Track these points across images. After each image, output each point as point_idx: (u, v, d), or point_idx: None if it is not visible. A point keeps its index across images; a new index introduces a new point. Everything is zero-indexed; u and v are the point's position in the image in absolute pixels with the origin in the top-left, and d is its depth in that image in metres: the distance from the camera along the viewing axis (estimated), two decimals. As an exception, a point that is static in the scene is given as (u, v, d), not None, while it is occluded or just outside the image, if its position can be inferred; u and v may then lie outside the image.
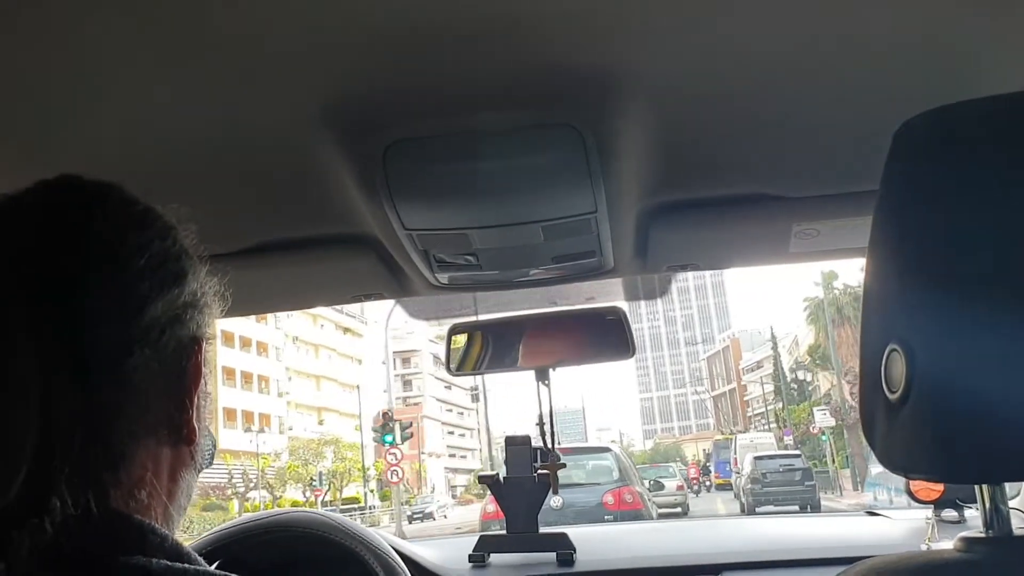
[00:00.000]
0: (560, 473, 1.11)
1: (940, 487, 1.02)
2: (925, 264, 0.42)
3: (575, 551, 1.11)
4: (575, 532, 1.14)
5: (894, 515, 1.29)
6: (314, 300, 1.20)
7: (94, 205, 0.48)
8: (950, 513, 1.07)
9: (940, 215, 0.41)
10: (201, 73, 0.66)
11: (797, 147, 0.85)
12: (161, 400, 0.47)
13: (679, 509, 14.23)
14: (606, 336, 1.12)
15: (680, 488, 16.51)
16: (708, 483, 29.08)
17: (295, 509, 1.16)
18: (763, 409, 47.66)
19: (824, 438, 25.25)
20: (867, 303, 0.46)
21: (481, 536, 1.16)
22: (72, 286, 0.44)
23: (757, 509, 15.00)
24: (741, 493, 17.07)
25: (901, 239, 0.43)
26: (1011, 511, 0.57)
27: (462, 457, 49.60)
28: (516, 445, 1.16)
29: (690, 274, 1.11)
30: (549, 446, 1.14)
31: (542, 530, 1.13)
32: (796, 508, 14.61)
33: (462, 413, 51.98)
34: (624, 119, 0.74)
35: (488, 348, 1.17)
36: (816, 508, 14.79)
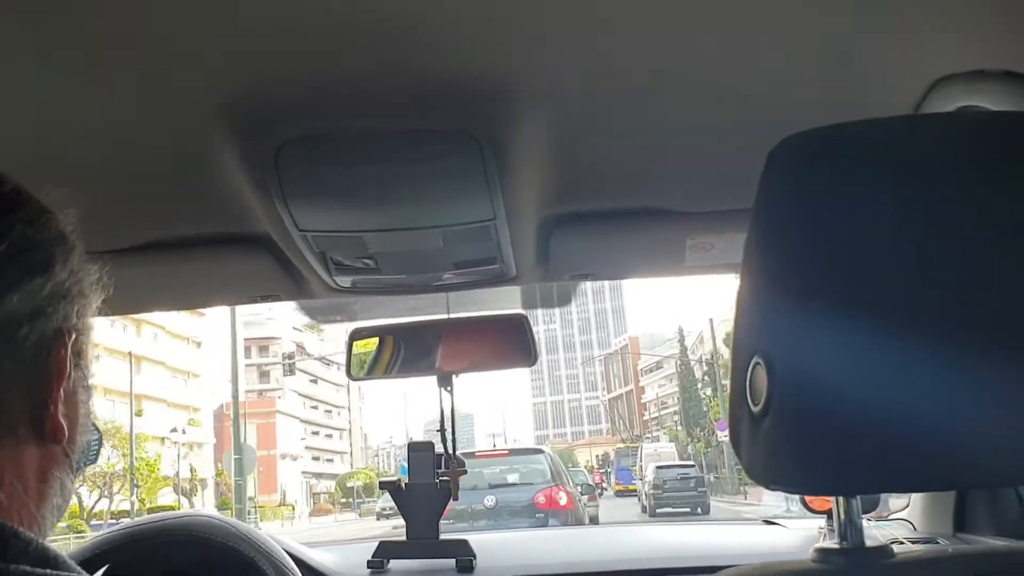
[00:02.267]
0: (495, 474, 1.23)
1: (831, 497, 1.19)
2: (787, 280, 0.47)
3: (475, 558, 1.24)
4: (476, 539, 1.26)
5: (790, 524, 1.46)
6: (208, 300, 1.26)
7: None
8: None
9: (804, 233, 0.47)
10: (93, 66, 0.71)
11: (688, 162, 0.95)
12: (20, 397, 0.48)
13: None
14: (509, 343, 1.26)
15: (592, 499, 17.74)
16: (606, 488, 30.54)
17: (189, 512, 1.22)
18: (659, 413, 49.66)
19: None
20: (737, 317, 0.51)
21: (381, 542, 1.26)
22: None
23: (657, 510, 18.46)
24: (643, 497, 20.47)
25: (767, 255, 0.49)
26: (897, 520, 0.70)
27: (328, 460, 48.51)
28: (419, 451, 1.28)
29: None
30: (451, 452, 1.27)
31: (443, 537, 1.26)
32: (688, 510, 18.26)
33: (330, 411, 50.81)
34: (520, 128, 0.81)
35: (391, 353, 1.28)
36: (706, 511, 18.37)
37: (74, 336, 0.51)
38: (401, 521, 1.28)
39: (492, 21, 0.68)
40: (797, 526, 1.44)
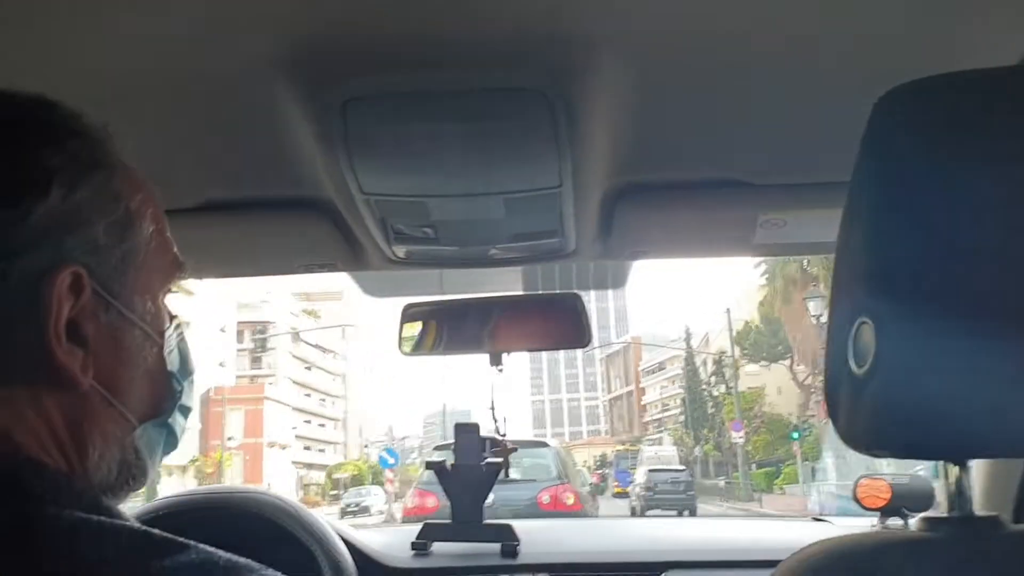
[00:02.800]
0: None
1: (887, 494, 1.11)
2: (899, 236, 0.46)
3: (519, 543, 1.24)
4: (520, 525, 1.27)
5: (839, 522, 1.46)
6: (260, 268, 1.26)
7: None
8: (896, 521, 1.13)
9: (918, 184, 0.46)
10: (153, 9, 0.70)
11: (766, 133, 0.94)
12: (17, 338, 0.46)
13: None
14: (563, 323, 1.25)
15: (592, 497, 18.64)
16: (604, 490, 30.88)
17: (239, 487, 1.23)
18: (660, 416, 49.56)
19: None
20: (837, 276, 0.51)
21: (425, 524, 1.26)
22: None
23: (646, 512, 18.73)
24: (634, 499, 20.99)
25: (876, 210, 0.48)
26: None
27: (320, 451, 48.56)
28: (466, 433, 1.28)
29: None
30: (501, 433, 1.27)
31: (486, 521, 1.26)
32: (676, 512, 18.17)
33: (324, 400, 50.84)
34: (594, 88, 0.80)
35: (441, 330, 1.27)
36: (693, 512, 18.86)
37: (79, 268, 0.47)
38: (363, 519, 1.27)
39: None
40: (847, 525, 1.43)
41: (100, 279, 0.49)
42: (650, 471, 21.52)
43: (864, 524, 1.33)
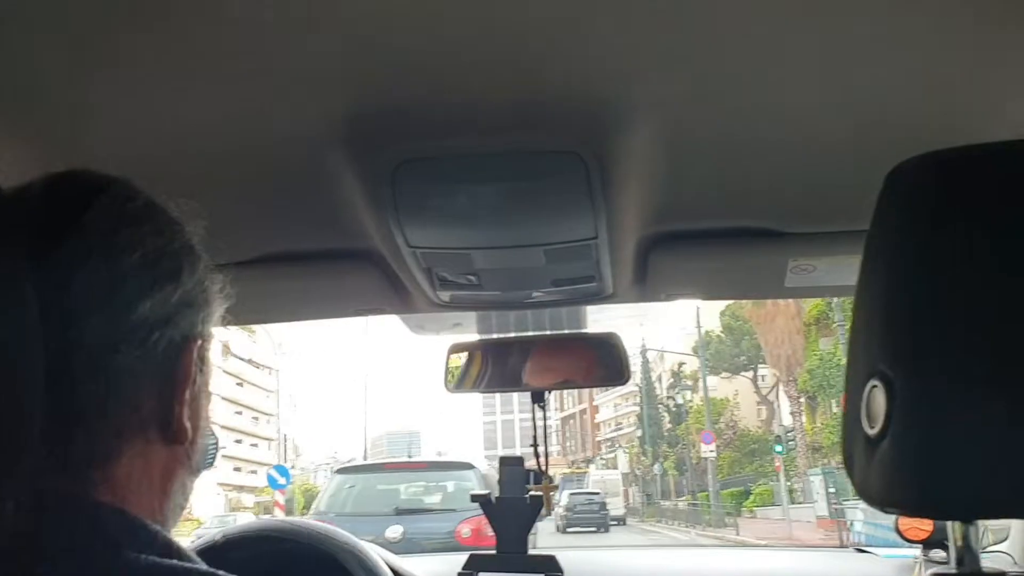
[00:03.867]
0: (405, 495, 1.33)
1: (929, 526, 1.18)
2: (906, 302, 0.50)
3: (562, 573, 1.35)
4: (564, 555, 1.38)
5: (882, 553, 1.56)
6: (315, 313, 1.36)
7: (91, 197, 0.55)
8: (938, 553, 1.21)
9: (924, 256, 0.50)
10: (219, 78, 0.77)
11: (794, 183, 1.03)
12: (149, 399, 0.54)
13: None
14: (602, 361, 1.38)
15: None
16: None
17: (291, 519, 1.31)
18: (615, 434, 49.86)
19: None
20: (854, 337, 0.55)
21: (471, 554, 1.36)
22: (59, 279, 0.50)
23: (567, 529, 23.05)
24: (557, 518, 24.29)
25: (885, 277, 0.52)
26: (995, 553, 0.75)
27: (252, 472, 47.49)
28: (510, 466, 1.38)
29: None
30: (543, 468, 1.38)
31: (531, 552, 1.37)
32: (594, 529, 22.27)
33: (257, 419, 49.88)
34: (627, 149, 0.88)
35: (483, 367, 1.39)
36: (606, 530, 22.46)
37: (200, 342, 0.58)
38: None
39: (605, 44, 0.75)
40: (889, 554, 1.53)
41: (205, 351, 0.59)
42: (571, 494, 25.72)
43: (908, 554, 1.42)
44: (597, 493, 26.65)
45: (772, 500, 23.29)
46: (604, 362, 1.38)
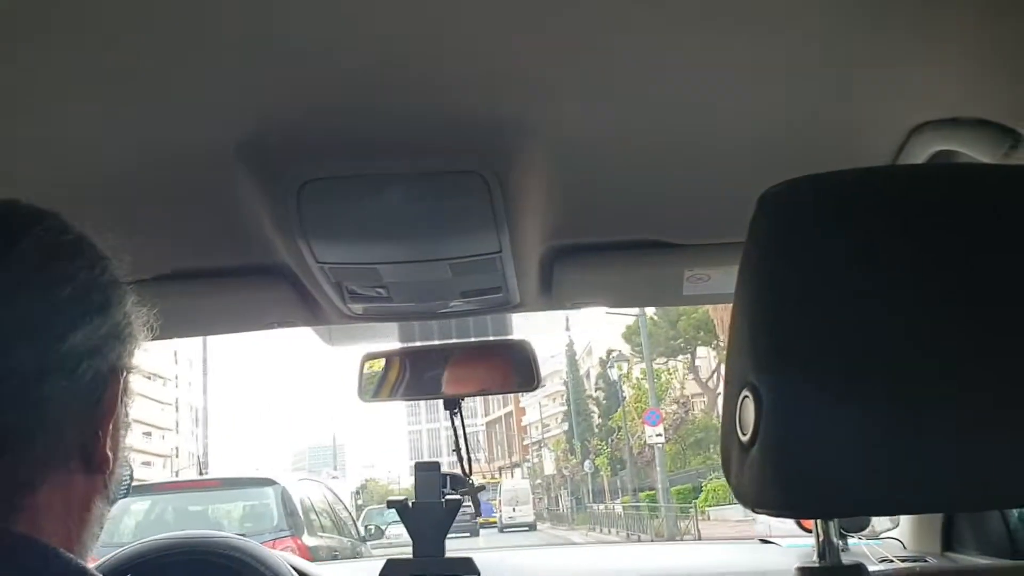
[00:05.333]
0: (203, 517, 1.41)
1: None
2: (772, 318, 0.57)
3: (479, 574, 1.47)
4: (481, 557, 1.49)
5: (784, 543, 1.71)
6: (226, 328, 1.44)
7: (24, 230, 0.58)
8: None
9: (789, 276, 0.57)
10: (122, 100, 0.83)
11: (684, 198, 1.14)
12: (74, 429, 0.58)
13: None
14: (514, 368, 1.50)
15: None
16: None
17: (200, 533, 1.38)
18: (541, 436, 50.10)
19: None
20: (729, 350, 0.61)
21: (388, 560, 1.45)
22: None
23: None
24: None
25: (754, 296, 0.59)
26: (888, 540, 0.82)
27: (145, 464, 45.85)
28: (425, 471, 1.49)
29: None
30: (466, 471, 1.50)
31: (448, 554, 1.48)
32: (466, 535, 20.94)
33: (150, 434, 48.21)
34: (527, 168, 0.97)
35: (398, 376, 1.49)
36: (476, 535, 20.49)
37: (124, 374, 0.62)
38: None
39: (503, 69, 0.82)
40: (792, 544, 1.69)
41: (128, 382, 0.63)
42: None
43: (809, 542, 1.58)
44: (468, 503, 27.57)
45: (728, 497, 20.28)
46: (516, 368, 1.50)
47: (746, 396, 0.56)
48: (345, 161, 0.94)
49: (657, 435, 20.88)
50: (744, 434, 0.56)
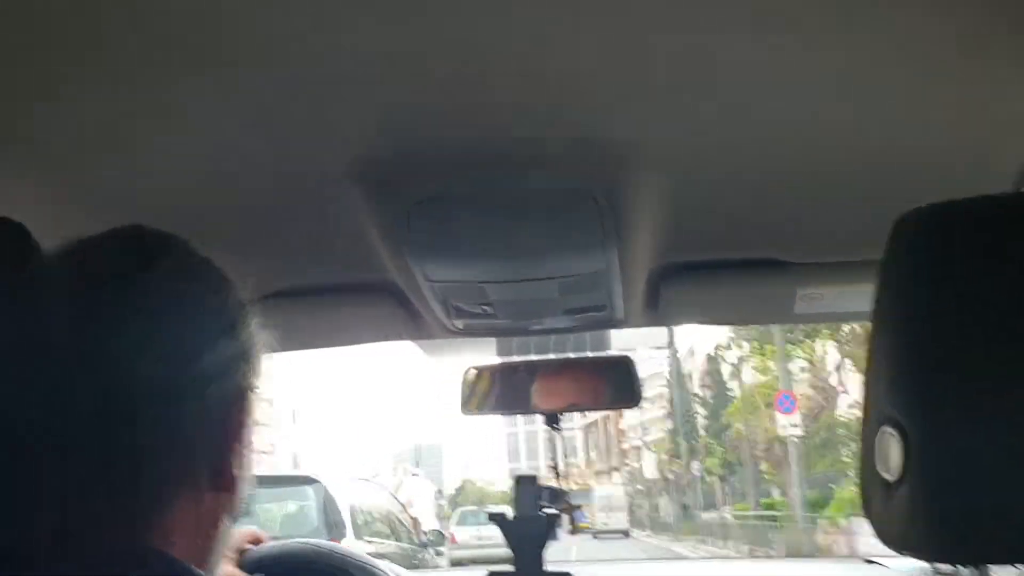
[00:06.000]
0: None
1: None
2: (920, 350, 0.54)
3: None
4: (580, 571, 1.53)
5: (891, 563, 1.69)
6: (332, 342, 1.52)
7: (153, 256, 0.62)
8: (947, 566, 1.24)
9: (935, 306, 0.54)
10: (246, 120, 0.86)
11: (802, 216, 1.14)
12: (204, 449, 0.61)
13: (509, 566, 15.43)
14: (614, 384, 1.53)
15: None
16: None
17: (310, 541, 1.45)
18: (640, 441, 49.48)
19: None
20: (868, 380, 0.59)
21: (490, 572, 1.52)
22: (128, 334, 0.57)
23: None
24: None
25: (897, 329, 0.56)
26: None
27: None
28: (525, 484, 1.54)
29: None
30: (559, 487, 1.54)
31: (547, 568, 1.52)
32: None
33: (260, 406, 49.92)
34: (639, 186, 0.98)
35: (500, 390, 1.55)
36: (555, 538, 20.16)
37: (249, 393, 0.65)
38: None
39: (617, 86, 0.83)
40: (899, 566, 1.67)
41: (252, 402, 0.66)
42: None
43: (916, 564, 1.54)
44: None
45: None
46: (618, 385, 1.53)
47: (890, 433, 0.54)
48: (456, 181, 0.97)
49: (793, 425, 16.88)
50: (888, 472, 0.55)
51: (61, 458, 0.55)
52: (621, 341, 1.64)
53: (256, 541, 1.20)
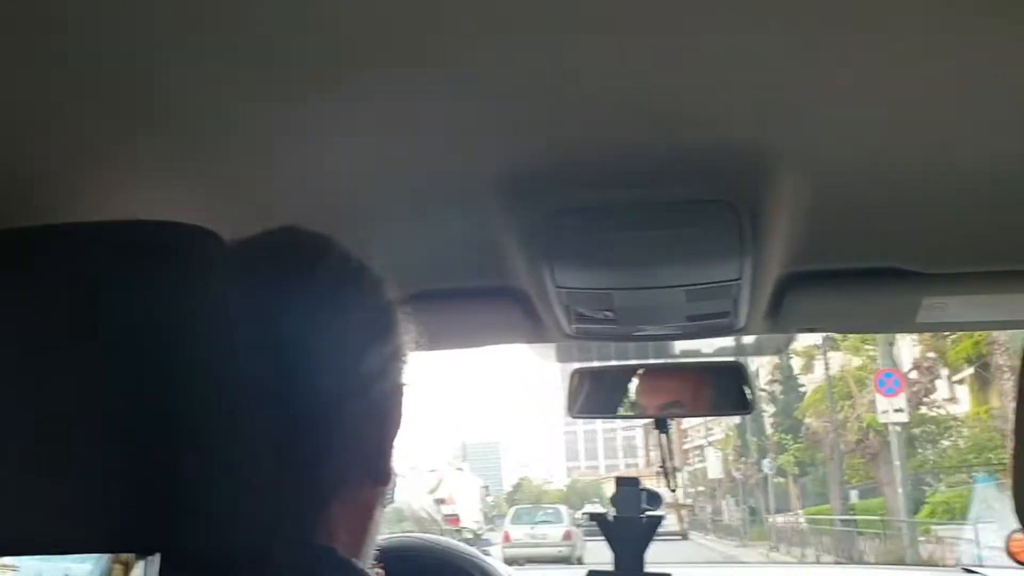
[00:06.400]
0: None
1: None
2: None
3: None
4: (680, 573, 1.55)
5: (992, 573, 1.70)
6: (451, 344, 1.55)
7: (315, 259, 0.64)
8: None
9: None
10: (399, 130, 0.88)
11: (934, 226, 1.14)
12: (365, 446, 0.63)
13: (565, 563, 15.79)
14: (726, 390, 1.54)
15: (568, 536, 20.43)
16: None
17: (415, 535, 1.49)
18: (704, 441, 48.88)
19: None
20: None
21: (590, 571, 1.54)
22: (294, 336, 0.59)
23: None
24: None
25: None
26: None
27: None
28: (626, 486, 1.56)
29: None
30: (672, 488, 1.56)
31: (647, 569, 1.54)
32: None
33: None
34: (775, 195, 0.99)
35: (609, 395, 1.57)
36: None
37: (404, 391, 0.67)
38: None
39: (756, 94, 0.83)
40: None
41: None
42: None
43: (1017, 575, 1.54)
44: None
45: (959, 514, 14.13)
46: (728, 391, 1.54)
47: None
48: (595, 191, 1.00)
49: (896, 410, 13.73)
50: None
51: (247, 461, 0.55)
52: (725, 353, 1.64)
53: None
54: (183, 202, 0.98)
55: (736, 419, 28.57)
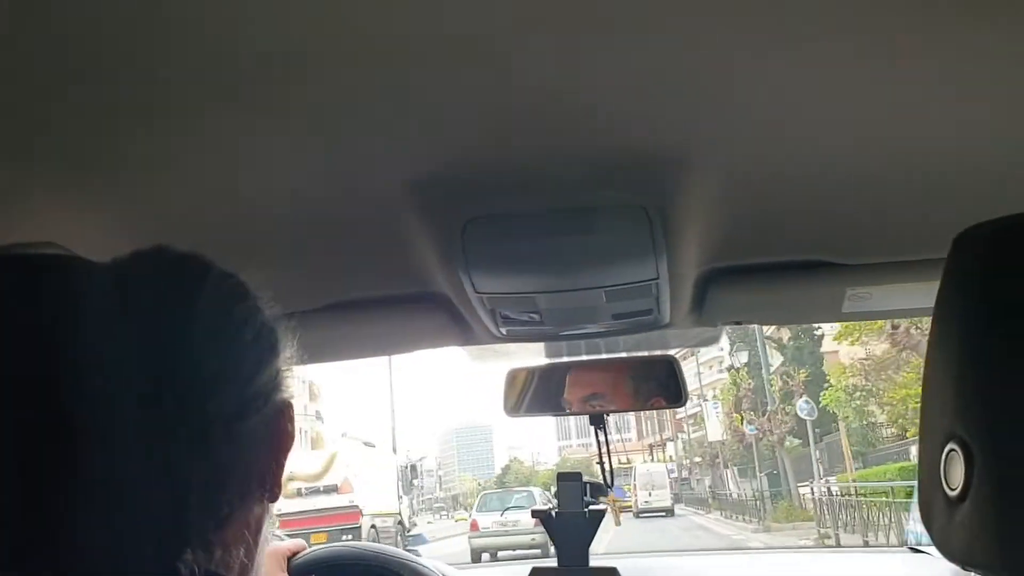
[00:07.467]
0: None
1: None
2: (985, 368, 0.55)
3: None
4: (624, 564, 1.62)
5: (937, 552, 1.77)
6: (382, 350, 1.63)
7: (202, 279, 0.65)
8: None
9: (1000, 321, 0.54)
10: (307, 138, 0.91)
11: (854, 219, 1.19)
12: (260, 462, 0.66)
13: (539, 551, 14.97)
14: (659, 384, 1.62)
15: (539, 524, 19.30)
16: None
17: (360, 544, 1.55)
18: (698, 409, 48.89)
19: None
20: (927, 395, 0.61)
21: (533, 568, 1.61)
22: (190, 357, 0.60)
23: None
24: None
25: (967, 339, 0.57)
26: None
27: None
28: (567, 481, 1.63)
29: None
30: (609, 483, 1.64)
31: (592, 563, 1.62)
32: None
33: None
34: (690, 197, 1.04)
35: (541, 392, 1.64)
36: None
37: (292, 404, 0.70)
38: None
39: (669, 100, 0.87)
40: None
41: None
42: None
43: None
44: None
45: None
46: (662, 385, 1.62)
47: (952, 449, 0.56)
48: (510, 199, 1.04)
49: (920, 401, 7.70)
50: (951, 488, 0.56)
51: (139, 483, 0.57)
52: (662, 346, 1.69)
53: (296, 552, 1.29)
54: (82, 225, 1.02)
55: (743, 358, 26.60)
